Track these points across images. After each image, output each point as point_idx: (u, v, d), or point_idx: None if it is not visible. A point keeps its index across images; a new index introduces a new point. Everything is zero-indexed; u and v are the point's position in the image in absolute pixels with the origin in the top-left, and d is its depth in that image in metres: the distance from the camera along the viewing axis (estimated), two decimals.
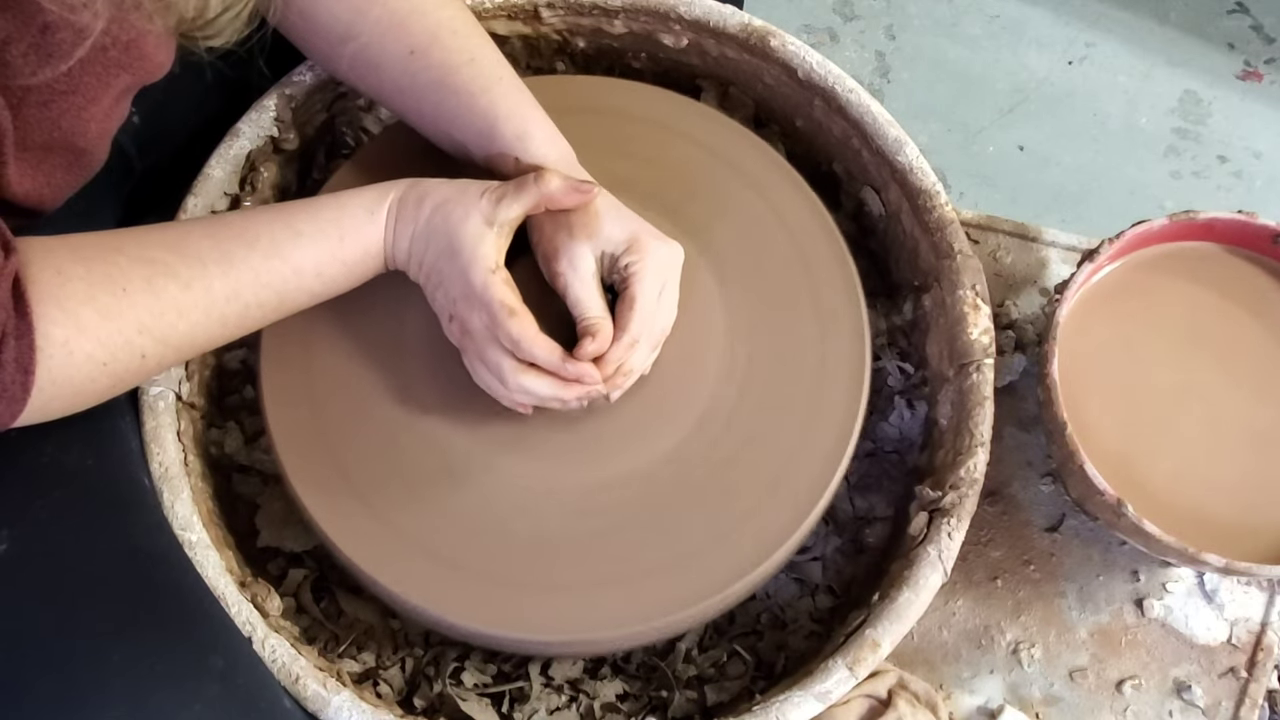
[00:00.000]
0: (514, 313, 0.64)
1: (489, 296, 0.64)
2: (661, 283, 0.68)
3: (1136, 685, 0.78)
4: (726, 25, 0.83)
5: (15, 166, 0.57)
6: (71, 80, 0.55)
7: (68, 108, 0.56)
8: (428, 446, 0.71)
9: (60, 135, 0.58)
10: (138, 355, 0.59)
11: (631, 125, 0.80)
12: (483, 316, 0.65)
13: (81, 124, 0.58)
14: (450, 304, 0.67)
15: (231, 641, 0.64)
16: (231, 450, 0.78)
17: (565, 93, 0.82)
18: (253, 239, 0.63)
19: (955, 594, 0.80)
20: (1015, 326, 0.87)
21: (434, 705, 0.73)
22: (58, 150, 0.60)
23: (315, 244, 0.64)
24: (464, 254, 0.65)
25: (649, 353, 0.69)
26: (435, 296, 0.68)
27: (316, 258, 0.64)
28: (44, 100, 0.55)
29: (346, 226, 0.65)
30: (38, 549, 0.60)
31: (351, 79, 0.75)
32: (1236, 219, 0.78)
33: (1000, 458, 0.83)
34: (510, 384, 0.66)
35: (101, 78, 0.56)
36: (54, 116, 0.56)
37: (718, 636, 0.78)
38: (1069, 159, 1.46)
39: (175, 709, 0.57)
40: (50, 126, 0.57)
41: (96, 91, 0.57)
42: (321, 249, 0.64)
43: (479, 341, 0.66)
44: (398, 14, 0.71)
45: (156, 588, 0.63)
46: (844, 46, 1.53)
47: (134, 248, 0.59)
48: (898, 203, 0.82)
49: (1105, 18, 1.55)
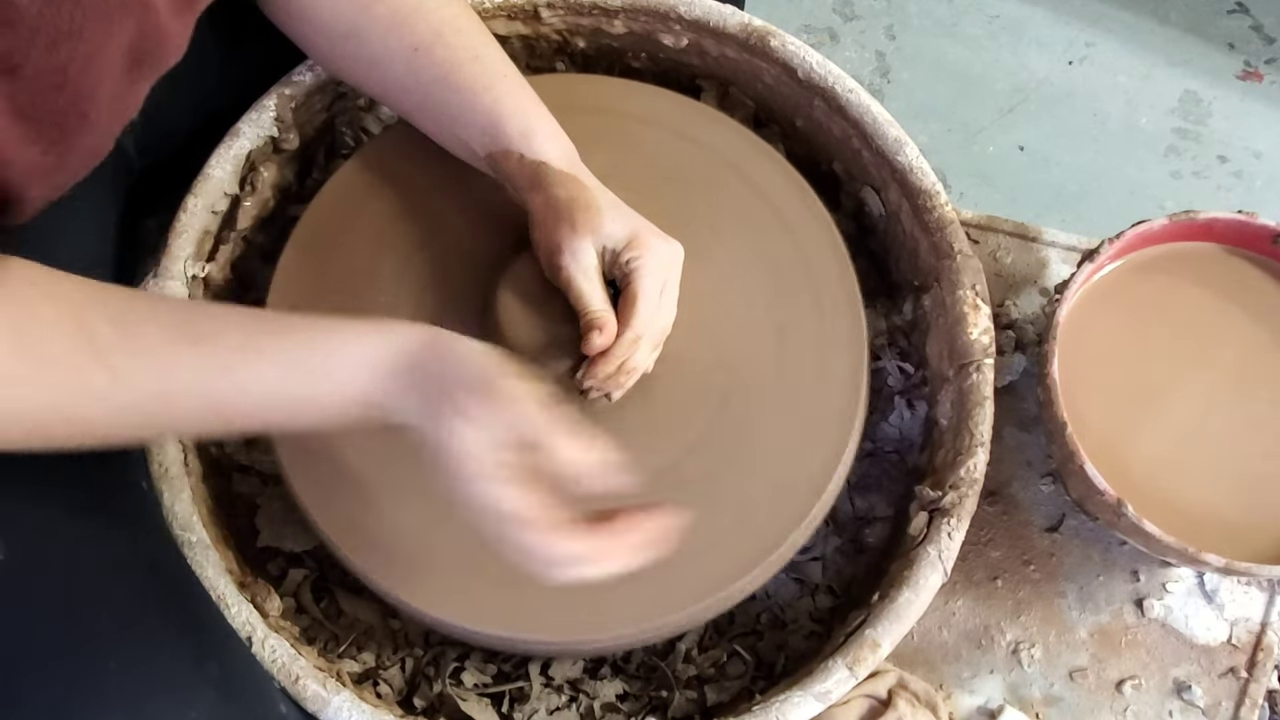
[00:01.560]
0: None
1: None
2: (663, 280, 0.68)
3: (1136, 685, 0.78)
4: (726, 25, 0.83)
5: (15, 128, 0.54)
6: (74, 20, 0.52)
7: (74, 53, 0.54)
8: None
9: (70, 96, 0.55)
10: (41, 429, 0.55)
11: (631, 125, 0.80)
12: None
13: (89, 83, 0.56)
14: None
15: (229, 647, 0.64)
16: (231, 450, 0.78)
17: (565, 92, 0.82)
18: (207, 349, 0.56)
19: (955, 594, 0.80)
20: (1015, 326, 0.87)
21: (434, 705, 0.73)
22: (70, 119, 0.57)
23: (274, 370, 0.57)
24: None
25: (651, 351, 0.69)
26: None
27: (272, 386, 0.57)
28: (51, 42, 0.52)
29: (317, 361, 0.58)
30: (34, 557, 0.60)
31: (353, 77, 0.75)
32: (1236, 219, 0.78)
33: (1000, 458, 0.83)
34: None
35: (104, 22, 0.54)
36: (62, 63, 0.54)
37: (718, 636, 0.78)
38: (1069, 159, 1.46)
39: (171, 715, 0.57)
40: (60, 77, 0.54)
41: (101, 38, 0.55)
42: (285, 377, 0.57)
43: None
44: (401, 11, 0.71)
45: (153, 594, 0.62)
46: (844, 46, 1.53)
47: (90, 313, 0.55)
48: (898, 203, 0.82)
49: (1105, 18, 1.54)
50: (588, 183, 0.70)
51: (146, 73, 0.62)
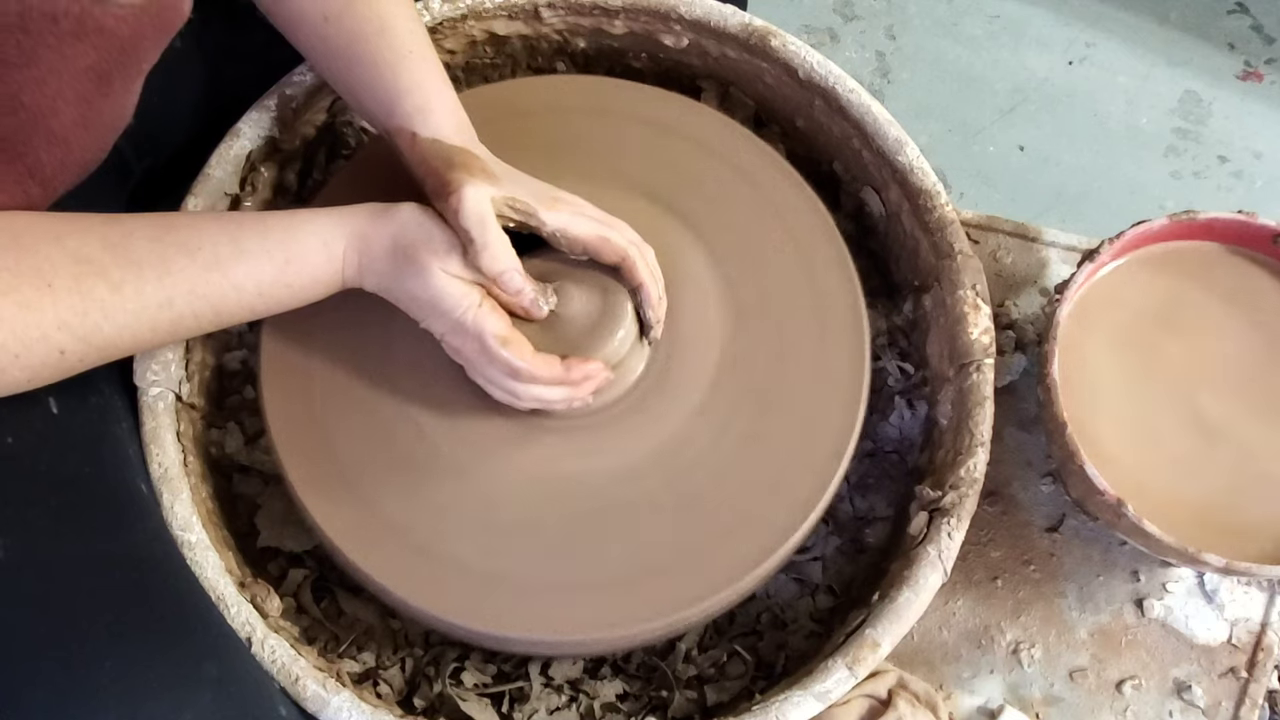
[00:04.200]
0: (506, 341, 0.65)
1: (479, 329, 0.64)
2: (586, 213, 0.69)
3: (1136, 685, 0.78)
4: (727, 25, 0.83)
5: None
6: (23, 52, 0.54)
7: (25, 81, 0.55)
8: (428, 446, 0.71)
9: (28, 115, 0.57)
10: (55, 351, 0.58)
11: (631, 125, 0.80)
12: (474, 345, 0.65)
13: (47, 100, 0.57)
14: (440, 334, 0.67)
15: (227, 649, 0.64)
16: (231, 450, 0.78)
17: (565, 93, 0.82)
18: (194, 248, 0.61)
19: (955, 594, 0.80)
20: (1015, 326, 0.87)
21: (434, 705, 0.73)
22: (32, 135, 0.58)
23: (258, 263, 0.63)
24: (445, 300, 0.64)
25: (648, 260, 0.70)
26: (424, 324, 0.67)
27: (258, 277, 0.63)
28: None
29: (294, 251, 0.64)
30: (32, 558, 0.60)
31: (285, 36, 0.74)
32: (1236, 219, 0.78)
33: (1000, 458, 0.83)
34: (523, 397, 0.67)
35: (57, 49, 0.55)
36: (13, 91, 0.55)
37: (718, 636, 0.78)
38: (1069, 159, 1.46)
39: (168, 717, 0.57)
40: (12, 103, 0.56)
41: (55, 63, 0.56)
42: (264, 268, 0.63)
43: (477, 365, 0.67)
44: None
45: (151, 596, 0.62)
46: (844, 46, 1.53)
47: (74, 240, 0.58)
48: (898, 203, 0.82)
49: (1105, 18, 1.55)
50: (479, 153, 0.69)
51: (120, 84, 0.62)
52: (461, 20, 0.84)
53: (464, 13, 0.84)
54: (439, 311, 0.65)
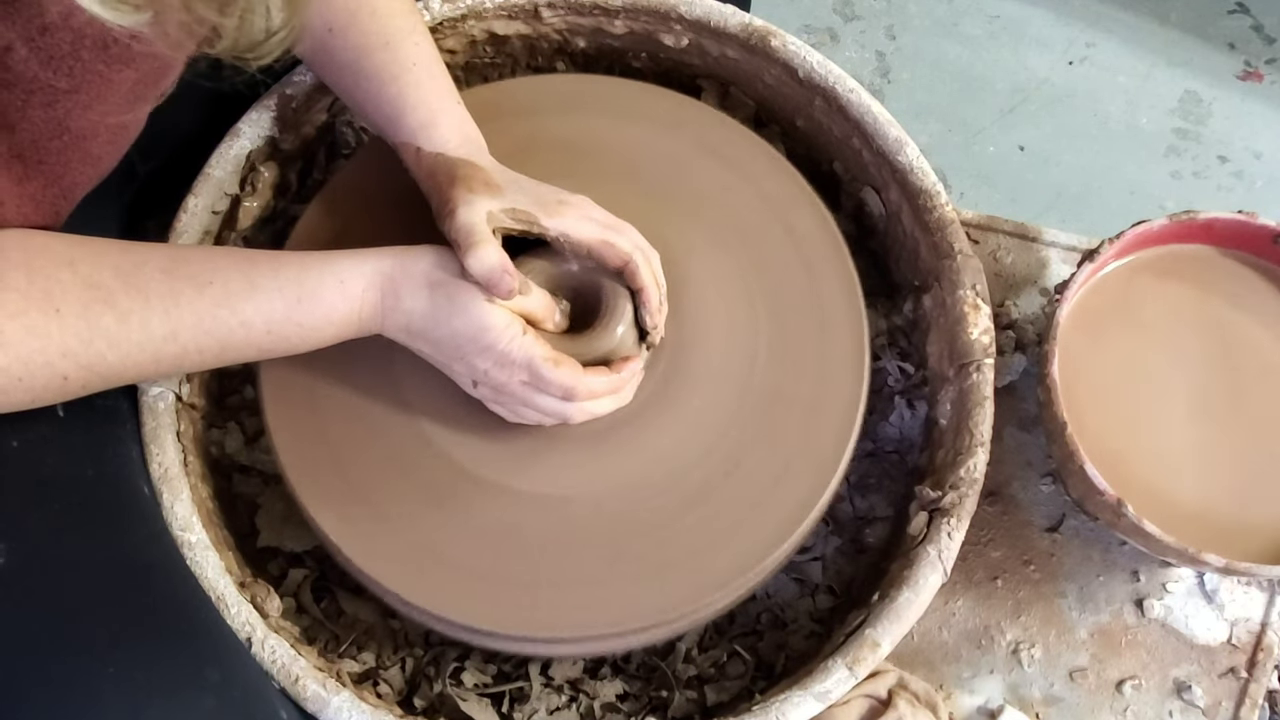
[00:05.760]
0: (559, 362, 0.65)
1: (528, 356, 0.64)
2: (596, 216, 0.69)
3: (1136, 685, 0.78)
4: (727, 25, 0.83)
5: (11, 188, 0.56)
6: (74, 79, 0.54)
7: (73, 106, 0.56)
8: (428, 446, 0.71)
9: (71, 139, 0.57)
10: (59, 377, 0.58)
11: (632, 125, 0.80)
12: (522, 375, 0.65)
13: (91, 124, 0.58)
14: (479, 373, 0.66)
15: (228, 653, 0.64)
16: (232, 450, 0.78)
17: (565, 93, 0.82)
18: (205, 283, 0.60)
19: (955, 594, 0.80)
20: (1015, 326, 0.87)
21: (434, 705, 0.73)
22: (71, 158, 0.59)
23: (269, 299, 0.62)
24: (490, 332, 0.63)
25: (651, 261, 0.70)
26: (454, 368, 0.66)
27: (268, 313, 0.62)
28: (48, 101, 0.54)
29: (307, 288, 0.63)
30: (35, 562, 0.60)
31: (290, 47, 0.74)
32: (1236, 219, 0.78)
33: (1000, 458, 0.83)
34: (577, 416, 0.67)
35: (105, 75, 0.55)
36: (60, 117, 0.56)
37: (718, 636, 0.78)
38: (1069, 159, 1.46)
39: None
40: (58, 128, 0.56)
41: (101, 89, 0.56)
42: (275, 304, 0.62)
43: (523, 396, 0.66)
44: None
45: (153, 600, 0.62)
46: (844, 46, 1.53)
47: (87, 266, 0.58)
48: (898, 203, 0.82)
49: (1105, 18, 1.55)
50: (483, 163, 0.69)
51: (148, 100, 0.62)
52: (461, 20, 0.84)
53: (464, 13, 0.84)
54: (483, 345, 0.64)
